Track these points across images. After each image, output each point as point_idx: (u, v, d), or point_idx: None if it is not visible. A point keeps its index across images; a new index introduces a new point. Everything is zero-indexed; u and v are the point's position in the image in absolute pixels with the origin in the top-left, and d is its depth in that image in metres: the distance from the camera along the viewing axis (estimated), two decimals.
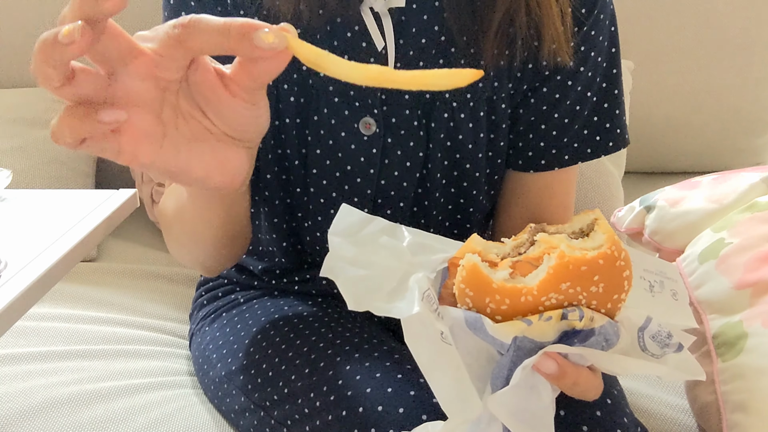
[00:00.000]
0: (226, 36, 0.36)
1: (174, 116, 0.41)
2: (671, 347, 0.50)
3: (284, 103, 0.71)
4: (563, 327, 0.47)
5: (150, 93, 0.39)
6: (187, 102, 0.41)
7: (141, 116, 0.39)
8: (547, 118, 0.74)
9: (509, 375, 0.47)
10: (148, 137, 0.39)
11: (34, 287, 0.56)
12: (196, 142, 0.42)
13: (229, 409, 0.76)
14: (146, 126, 0.39)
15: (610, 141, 0.76)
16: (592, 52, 0.72)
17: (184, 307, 1.03)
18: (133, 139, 0.39)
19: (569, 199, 0.80)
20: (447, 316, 0.48)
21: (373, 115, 0.70)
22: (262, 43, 0.36)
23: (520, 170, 0.77)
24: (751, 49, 1.43)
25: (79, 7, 0.35)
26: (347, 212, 0.53)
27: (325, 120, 0.71)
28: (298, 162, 0.73)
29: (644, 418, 0.83)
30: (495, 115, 0.73)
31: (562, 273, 0.46)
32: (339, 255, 0.50)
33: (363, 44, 0.68)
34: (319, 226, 0.76)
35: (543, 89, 0.73)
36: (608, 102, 0.75)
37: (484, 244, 0.51)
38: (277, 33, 0.36)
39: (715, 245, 0.85)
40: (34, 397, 0.77)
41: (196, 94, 0.41)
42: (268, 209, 0.78)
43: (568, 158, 0.76)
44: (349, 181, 0.73)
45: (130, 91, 0.38)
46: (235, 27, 0.36)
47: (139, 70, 0.38)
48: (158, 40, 0.37)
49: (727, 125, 1.50)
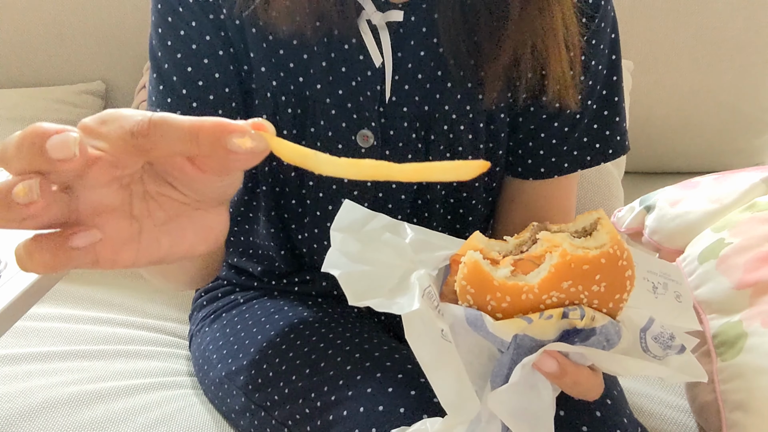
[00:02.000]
0: (195, 143, 0.31)
1: (145, 206, 0.36)
2: (673, 349, 0.50)
3: (282, 114, 0.70)
4: (564, 326, 0.47)
5: (116, 196, 0.34)
6: (155, 182, 0.36)
7: (113, 224, 0.34)
8: (547, 126, 0.74)
9: (509, 373, 0.47)
10: (125, 242, 0.35)
11: (34, 287, 0.56)
12: (174, 221, 0.37)
13: (229, 409, 0.76)
14: (121, 232, 0.35)
15: (610, 148, 0.76)
16: (593, 61, 0.72)
17: (184, 308, 1.03)
18: (111, 248, 0.34)
19: (569, 204, 0.80)
20: (448, 313, 0.48)
21: (371, 127, 0.70)
22: (239, 149, 0.31)
23: (519, 177, 0.77)
24: (750, 49, 1.43)
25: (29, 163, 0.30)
26: (350, 208, 0.53)
27: (322, 132, 0.70)
28: (294, 174, 0.73)
29: (644, 418, 0.83)
30: (494, 125, 0.73)
31: (563, 271, 0.46)
32: (341, 251, 0.50)
33: (360, 57, 0.68)
34: (315, 238, 0.76)
35: (543, 98, 0.72)
36: (608, 109, 0.74)
37: (486, 241, 0.51)
38: (254, 136, 0.32)
39: (715, 245, 0.85)
40: (34, 397, 0.77)
41: (162, 173, 0.36)
42: (265, 219, 0.77)
43: (568, 166, 0.75)
44: (346, 194, 0.73)
45: (94, 202, 0.34)
46: (205, 132, 0.31)
47: (99, 178, 0.33)
48: (113, 145, 0.32)
49: (727, 125, 1.49)
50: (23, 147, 0.30)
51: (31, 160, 0.30)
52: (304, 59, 0.68)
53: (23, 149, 0.30)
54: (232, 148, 0.31)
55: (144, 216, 0.36)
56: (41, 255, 0.32)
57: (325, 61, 0.68)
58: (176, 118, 0.31)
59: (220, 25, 0.67)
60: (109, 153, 0.32)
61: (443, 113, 0.71)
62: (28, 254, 0.32)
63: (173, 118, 0.31)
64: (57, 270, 0.32)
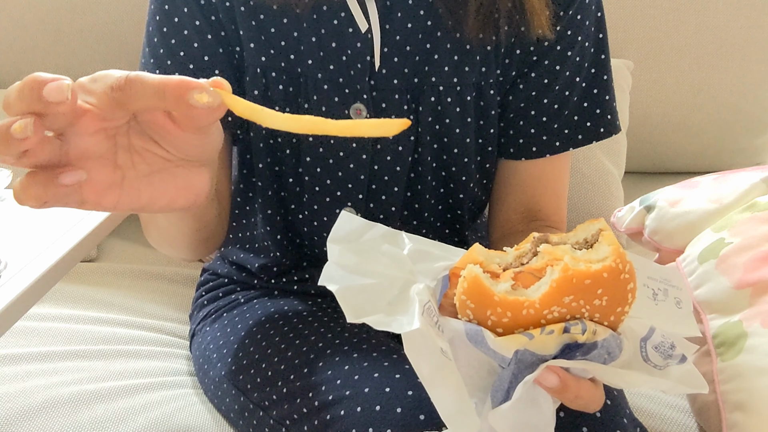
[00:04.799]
0: (162, 97, 0.37)
1: (129, 157, 0.42)
2: (674, 358, 0.49)
3: (273, 91, 0.72)
4: (565, 340, 0.46)
5: (102, 145, 0.40)
6: (140, 138, 0.42)
7: (98, 169, 0.40)
8: (537, 103, 0.75)
9: (510, 388, 0.46)
10: (108, 186, 0.41)
11: (34, 287, 0.56)
12: (156, 174, 0.43)
13: (228, 408, 0.76)
14: (104, 177, 0.40)
15: (601, 127, 0.77)
16: (579, 36, 0.73)
17: (184, 307, 1.03)
18: (95, 190, 0.40)
19: (562, 187, 0.81)
20: (447, 327, 0.48)
21: (363, 100, 0.71)
22: (197, 103, 0.37)
23: (511, 158, 0.78)
24: (750, 48, 1.43)
25: (28, 105, 0.36)
26: (347, 219, 0.52)
27: (316, 107, 0.71)
28: (290, 151, 0.74)
29: (644, 418, 0.83)
30: (483, 101, 0.74)
31: (565, 286, 0.45)
32: (338, 263, 0.49)
33: (350, 30, 0.70)
34: (314, 215, 0.77)
35: (531, 74, 0.74)
36: (597, 88, 0.76)
37: (486, 253, 0.50)
38: (211, 92, 0.37)
39: (715, 245, 0.85)
40: (34, 397, 0.77)
41: (147, 130, 0.42)
42: (262, 201, 0.78)
43: (559, 145, 0.76)
44: (342, 169, 0.74)
45: (82, 148, 0.39)
46: (170, 88, 0.37)
47: (87, 127, 0.39)
48: (98, 99, 0.38)
49: (727, 125, 1.49)
50: (24, 92, 0.36)
51: (29, 102, 0.36)
52: (295, 36, 0.70)
53: (23, 93, 0.36)
54: (192, 102, 0.37)
55: (128, 166, 0.41)
56: (35, 188, 0.37)
57: (315, 37, 0.70)
58: (148, 76, 0.37)
59: (210, 9, 0.70)
60: (97, 106, 0.38)
61: (431, 85, 0.72)
62: (23, 188, 0.37)
63: (145, 76, 0.37)
64: (48, 204, 0.38)
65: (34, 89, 0.35)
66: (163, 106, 0.37)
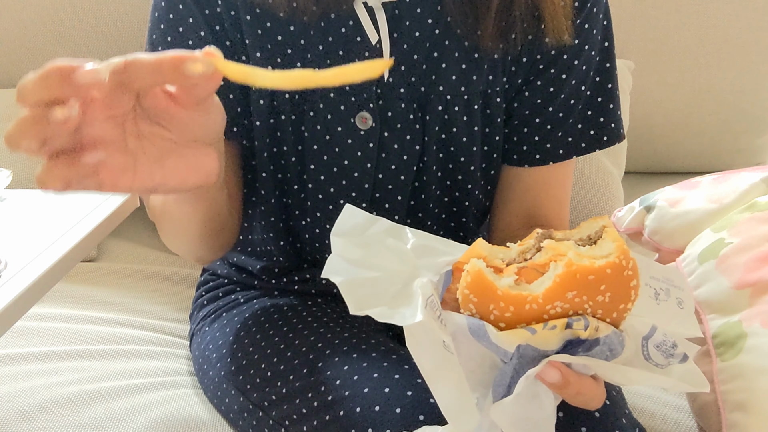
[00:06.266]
0: (160, 72, 0.39)
1: (139, 143, 0.44)
2: (676, 357, 0.49)
3: (279, 99, 0.71)
4: (567, 336, 0.46)
5: (112, 132, 0.42)
6: (147, 123, 0.44)
7: (111, 154, 0.42)
8: (542, 111, 0.74)
9: (512, 383, 0.46)
10: (122, 171, 0.43)
11: (34, 287, 0.56)
12: (166, 157, 0.45)
13: (228, 409, 0.76)
14: (118, 162, 0.42)
15: (605, 135, 0.76)
16: (586, 46, 0.73)
17: (184, 307, 1.03)
18: (110, 173, 0.42)
19: (565, 194, 0.81)
20: (450, 321, 0.48)
21: (369, 109, 0.71)
22: (192, 72, 0.39)
23: (515, 165, 0.77)
24: (751, 48, 1.43)
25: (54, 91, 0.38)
26: (350, 213, 0.53)
27: (322, 115, 0.71)
28: (294, 159, 0.74)
29: (644, 418, 0.83)
30: (490, 109, 0.74)
31: (568, 282, 0.45)
32: (342, 256, 0.49)
33: (358, 39, 0.69)
34: (317, 223, 0.77)
35: (537, 82, 0.73)
36: (602, 96, 0.75)
37: (490, 248, 0.50)
38: (204, 60, 0.39)
39: (715, 245, 0.85)
40: (34, 397, 0.77)
41: (152, 115, 0.44)
42: (264, 208, 0.78)
43: (563, 152, 0.76)
44: (347, 176, 0.73)
45: (94, 135, 0.41)
46: (166, 63, 0.39)
47: (96, 116, 0.41)
48: (101, 87, 0.40)
49: (727, 125, 1.49)
50: (50, 78, 0.37)
51: (57, 89, 0.37)
52: (301, 44, 0.70)
53: (50, 80, 0.37)
54: (187, 73, 0.39)
55: (138, 151, 0.43)
56: (59, 169, 0.39)
57: (322, 45, 0.70)
58: (145, 55, 0.39)
59: (215, 19, 0.70)
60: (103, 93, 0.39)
61: (438, 94, 0.72)
62: (47, 171, 0.39)
63: (143, 56, 0.39)
64: (71, 187, 0.40)
65: (63, 74, 0.37)
66: (162, 80, 0.40)
